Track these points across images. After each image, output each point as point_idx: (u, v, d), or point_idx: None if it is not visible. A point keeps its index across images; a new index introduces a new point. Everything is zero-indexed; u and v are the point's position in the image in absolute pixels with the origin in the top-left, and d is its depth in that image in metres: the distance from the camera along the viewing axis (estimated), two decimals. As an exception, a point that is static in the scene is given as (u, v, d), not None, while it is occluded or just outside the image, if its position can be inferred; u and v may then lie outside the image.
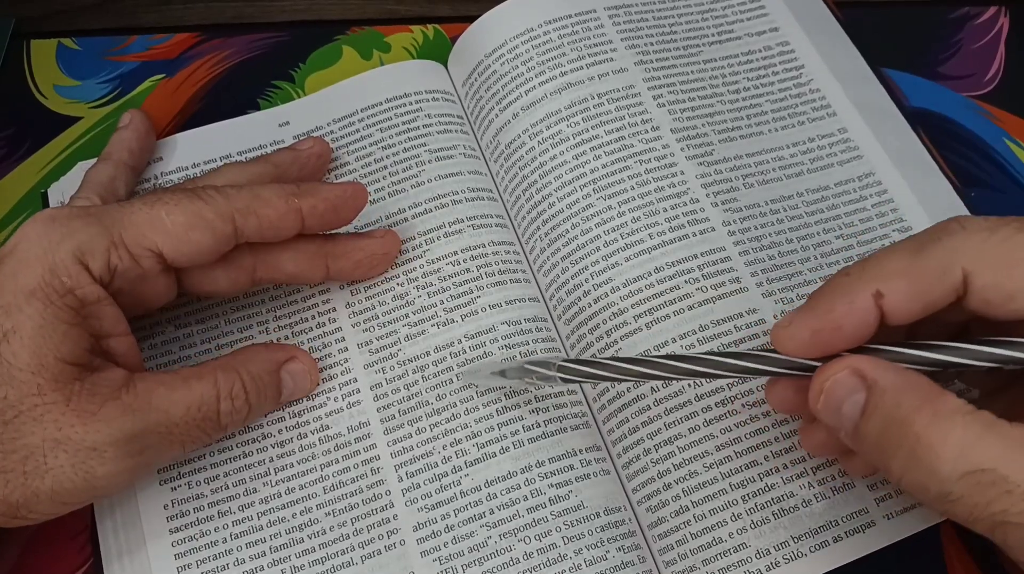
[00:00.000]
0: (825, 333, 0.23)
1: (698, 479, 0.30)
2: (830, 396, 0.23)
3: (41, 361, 0.25)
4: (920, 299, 0.23)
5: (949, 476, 0.20)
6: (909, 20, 0.42)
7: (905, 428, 0.21)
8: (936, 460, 0.20)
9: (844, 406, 0.23)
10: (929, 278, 0.22)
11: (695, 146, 0.36)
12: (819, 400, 0.23)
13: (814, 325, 0.23)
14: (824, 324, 0.23)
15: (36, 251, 0.26)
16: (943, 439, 0.20)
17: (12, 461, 0.25)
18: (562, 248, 0.34)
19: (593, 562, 0.29)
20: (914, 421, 0.21)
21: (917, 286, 0.22)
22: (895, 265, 0.23)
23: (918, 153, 0.37)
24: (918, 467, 0.21)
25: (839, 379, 0.23)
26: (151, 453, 0.27)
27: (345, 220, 0.32)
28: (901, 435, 0.21)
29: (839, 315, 0.23)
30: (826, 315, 0.23)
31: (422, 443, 0.31)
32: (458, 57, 0.39)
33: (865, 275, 0.23)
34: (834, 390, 0.23)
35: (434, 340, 0.33)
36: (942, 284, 0.22)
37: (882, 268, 0.23)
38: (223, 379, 0.29)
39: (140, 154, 0.36)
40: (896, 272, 0.23)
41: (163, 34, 0.42)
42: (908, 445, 0.21)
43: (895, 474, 0.22)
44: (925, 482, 0.21)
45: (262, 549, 0.30)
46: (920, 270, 0.23)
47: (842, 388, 0.23)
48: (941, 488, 0.21)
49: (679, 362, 0.26)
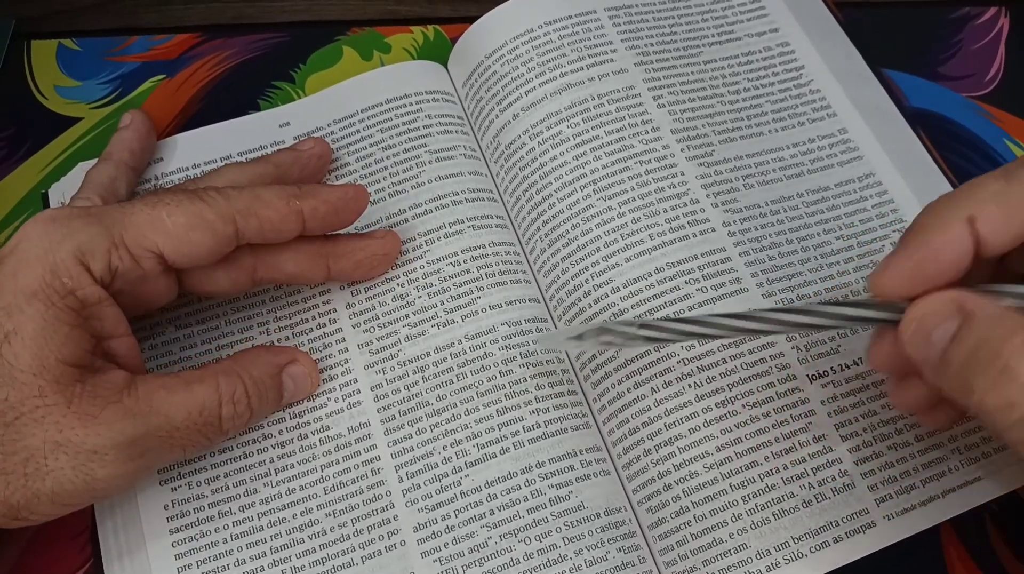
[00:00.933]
0: (926, 264, 0.23)
1: (698, 480, 0.30)
2: (922, 323, 0.23)
3: (43, 363, 0.25)
4: (1013, 222, 0.23)
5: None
6: (909, 20, 0.42)
7: (999, 347, 0.21)
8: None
9: (935, 333, 0.23)
10: (1020, 200, 0.23)
11: (695, 147, 0.36)
12: (909, 326, 0.23)
13: (914, 257, 0.23)
14: (923, 255, 0.23)
15: (37, 252, 0.26)
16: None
17: (13, 462, 0.25)
18: (562, 249, 0.34)
19: (593, 562, 0.29)
20: (1009, 341, 0.21)
21: (1009, 209, 0.23)
22: (985, 191, 0.23)
23: (918, 153, 0.37)
24: (1008, 383, 0.21)
25: (934, 307, 0.23)
26: (152, 456, 0.27)
27: (346, 222, 0.32)
28: (993, 354, 0.21)
29: (937, 246, 0.23)
30: (924, 247, 0.23)
31: (422, 444, 0.31)
32: (458, 58, 0.39)
33: (956, 202, 0.23)
34: (928, 318, 0.23)
35: (434, 341, 0.33)
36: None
37: (972, 195, 0.23)
38: (225, 383, 0.29)
39: (141, 154, 0.36)
40: (987, 198, 0.23)
41: (164, 35, 0.42)
42: (1001, 362, 0.21)
43: (979, 395, 0.21)
44: (1014, 398, 0.21)
45: (262, 549, 0.30)
46: (1011, 193, 0.23)
47: (936, 316, 0.23)
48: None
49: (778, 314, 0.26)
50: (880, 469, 0.30)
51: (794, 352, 0.31)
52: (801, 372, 0.31)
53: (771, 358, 0.31)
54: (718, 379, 0.31)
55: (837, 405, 0.31)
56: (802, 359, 0.31)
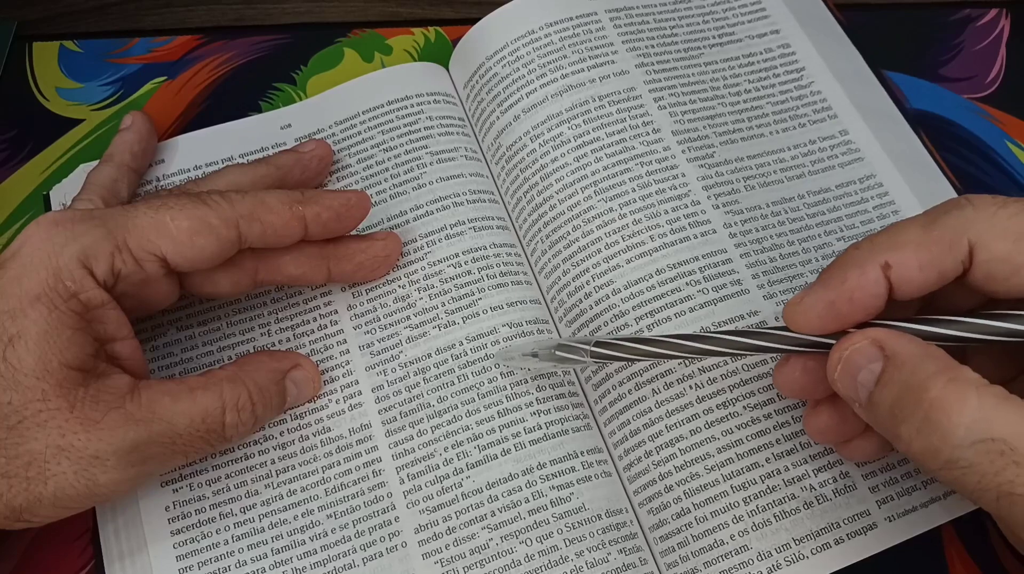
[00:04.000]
0: (838, 305, 0.24)
1: (699, 481, 0.30)
2: (847, 365, 0.23)
3: (46, 366, 0.25)
4: (928, 270, 0.23)
5: (961, 442, 0.20)
6: (910, 22, 0.42)
7: (920, 394, 0.21)
8: (950, 425, 0.21)
9: (861, 375, 0.23)
10: (937, 249, 0.23)
11: (696, 148, 0.36)
12: (836, 369, 0.24)
13: (827, 297, 0.24)
14: (837, 296, 0.24)
15: (40, 255, 0.26)
16: (959, 405, 0.21)
17: (15, 466, 0.25)
18: (563, 250, 0.34)
19: (594, 564, 0.29)
20: (930, 387, 0.21)
21: (925, 257, 0.23)
22: (904, 237, 0.23)
23: (919, 155, 0.37)
24: (931, 432, 0.21)
25: (858, 348, 0.23)
26: (154, 462, 0.27)
27: (348, 228, 0.32)
28: (916, 401, 0.21)
29: (850, 286, 0.23)
30: (839, 286, 0.24)
31: (423, 445, 0.31)
32: (459, 59, 0.40)
33: (875, 247, 0.24)
34: (852, 359, 0.23)
35: (435, 342, 0.33)
36: (950, 255, 0.23)
37: (892, 240, 0.24)
38: (229, 391, 0.28)
39: (142, 156, 0.36)
40: (905, 243, 0.23)
41: (165, 36, 0.42)
42: (923, 410, 0.21)
43: (905, 440, 0.22)
44: (937, 447, 0.21)
45: (264, 551, 0.30)
46: (929, 241, 0.23)
47: (861, 357, 0.23)
48: (952, 454, 0.21)
49: (698, 343, 0.26)
50: (881, 470, 0.30)
51: (795, 353, 0.31)
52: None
53: (772, 359, 0.31)
54: (719, 380, 0.31)
55: (838, 406, 0.31)
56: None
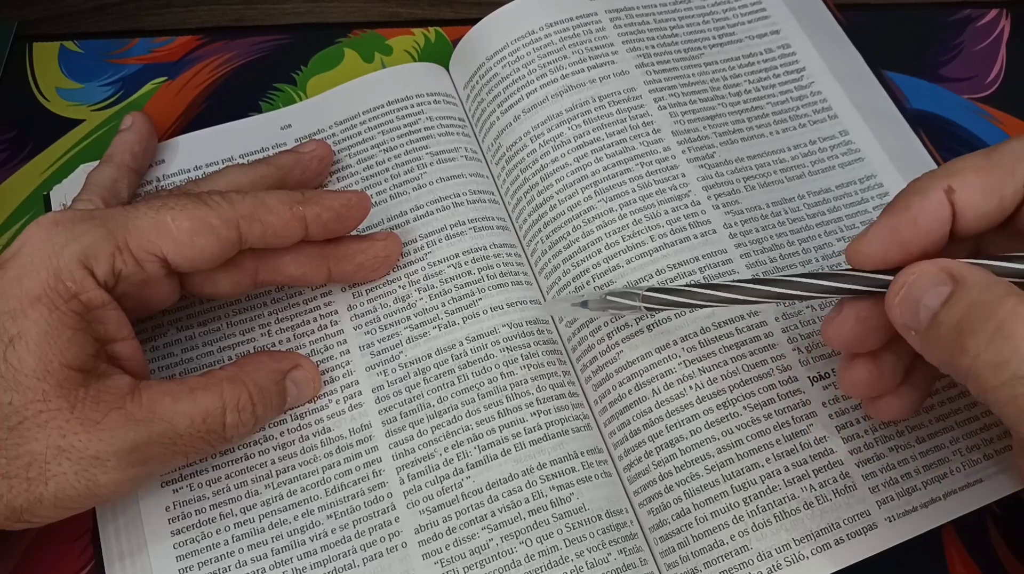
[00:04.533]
0: (902, 230, 0.24)
1: (699, 481, 0.30)
2: (912, 289, 0.23)
3: (47, 367, 0.25)
4: (989, 195, 0.24)
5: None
6: (910, 22, 0.42)
7: (992, 308, 0.22)
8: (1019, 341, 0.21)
9: (927, 296, 0.23)
10: (999, 174, 0.24)
11: (696, 148, 0.36)
12: (899, 294, 0.24)
13: (891, 224, 0.24)
14: (900, 221, 0.24)
15: (40, 256, 0.26)
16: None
17: (16, 466, 0.25)
18: (563, 250, 0.34)
19: (595, 564, 0.29)
20: (1000, 307, 0.21)
21: (987, 181, 0.24)
22: (966, 163, 0.24)
23: (919, 155, 0.37)
24: (1003, 342, 0.21)
25: (927, 273, 0.23)
26: (154, 463, 0.27)
27: (348, 228, 0.32)
28: (987, 314, 0.22)
29: (914, 211, 0.24)
30: (902, 212, 0.24)
31: (423, 445, 0.31)
32: (460, 60, 0.40)
33: (937, 173, 0.24)
34: (919, 283, 0.23)
35: (435, 342, 0.33)
36: (1011, 180, 0.23)
37: (953, 167, 0.24)
38: (229, 391, 0.28)
39: (142, 156, 0.36)
40: (966, 168, 0.24)
41: (165, 37, 0.42)
42: (995, 321, 0.21)
43: (970, 354, 0.22)
44: (1006, 359, 0.21)
45: (264, 551, 0.30)
46: (990, 166, 0.24)
47: (927, 280, 0.23)
48: (1019, 369, 0.21)
49: (759, 286, 0.26)
50: (881, 471, 0.30)
51: (795, 354, 0.31)
52: (802, 373, 0.31)
53: (772, 359, 0.31)
54: (719, 381, 0.31)
55: (838, 406, 0.31)
56: (803, 361, 0.31)
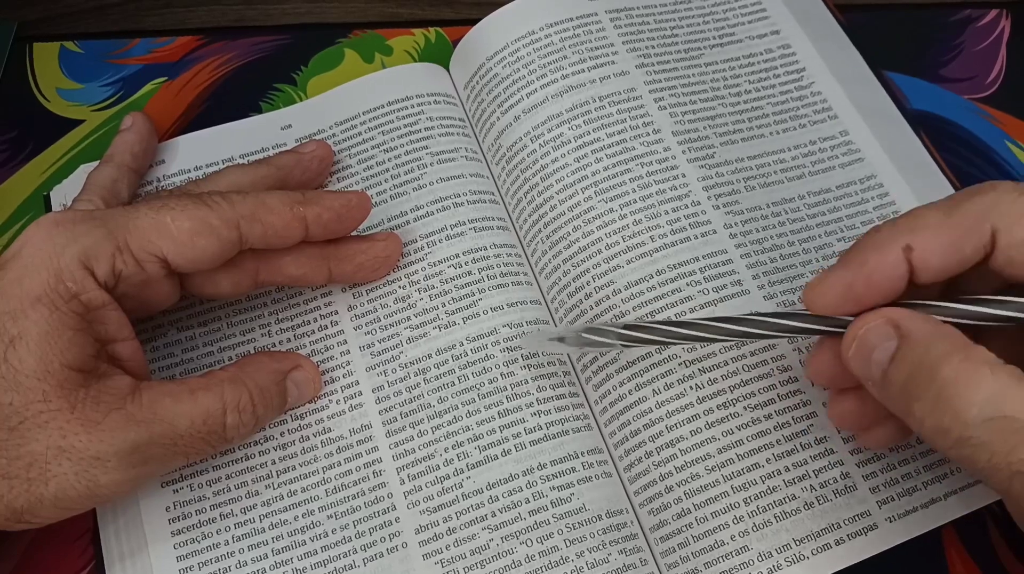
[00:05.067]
0: (857, 286, 0.24)
1: (700, 481, 0.30)
2: (862, 344, 0.23)
3: (47, 367, 0.25)
4: (949, 254, 0.23)
5: (974, 420, 0.20)
6: (910, 23, 0.42)
7: (933, 372, 0.21)
8: (962, 403, 0.21)
9: (875, 353, 0.23)
10: (958, 233, 0.23)
11: (696, 149, 0.36)
12: (851, 348, 0.24)
13: (846, 279, 0.24)
14: (855, 277, 0.24)
15: (41, 256, 0.26)
16: (972, 383, 0.21)
17: (16, 467, 0.25)
18: (564, 251, 0.34)
19: (595, 565, 0.29)
20: (943, 366, 0.21)
21: (946, 240, 0.23)
22: (926, 220, 0.23)
23: (919, 156, 0.37)
24: (944, 409, 0.21)
25: (872, 327, 0.23)
26: (155, 463, 0.27)
27: (349, 228, 0.32)
28: (929, 379, 0.21)
29: (871, 268, 0.24)
30: (858, 268, 0.24)
31: (424, 445, 0.31)
32: (460, 60, 0.40)
33: (896, 230, 0.24)
34: (867, 338, 0.23)
35: (436, 343, 0.33)
36: (971, 240, 0.23)
37: (913, 223, 0.24)
38: (230, 392, 0.28)
39: (142, 156, 0.36)
40: (926, 226, 0.23)
41: (165, 37, 0.42)
42: (935, 388, 0.21)
43: (917, 418, 0.22)
44: (948, 425, 0.21)
45: (264, 551, 0.30)
46: (950, 225, 0.23)
47: (875, 335, 0.23)
48: (963, 432, 0.21)
49: (728, 325, 0.26)
50: (882, 471, 0.30)
51: (796, 354, 0.31)
52: (803, 374, 0.31)
53: (772, 360, 0.31)
54: (720, 381, 0.31)
55: (838, 407, 0.31)
56: (803, 361, 0.31)
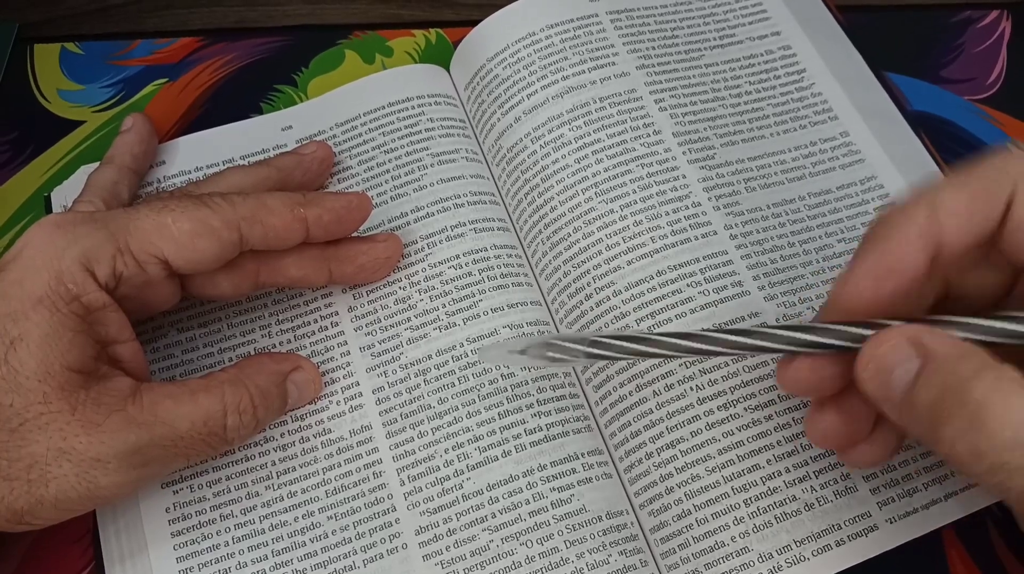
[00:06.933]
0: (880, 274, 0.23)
1: (700, 482, 0.30)
2: (880, 363, 0.22)
3: (48, 369, 0.25)
4: (972, 216, 0.23)
5: (1009, 444, 0.20)
6: (911, 24, 0.42)
7: (964, 394, 0.21)
8: (996, 426, 0.20)
9: (896, 372, 0.22)
10: (978, 191, 0.23)
11: (697, 150, 0.36)
12: (867, 368, 0.23)
13: (880, 247, 0.23)
14: (879, 263, 0.23)
15: (42, 258, 0.26)
16: (1005, 405, 0.20)
17: (17, 469, 0.25)
18: (564, 252, 0.34)
19: (595, 566, 0.29)
20: (974, 387, 0.20)
21: (968, 202, 0.23)
22: (944, 184, 0.23)
23: (920, 157, 0.37)
24: (976, 433, 0.20)
25: (894, 346, 0.22)
26: (155, 465, 0.27)
27: (349, 230, 0.32)
28: (959, 401, 0.21)
29: (901, 233, 0.23)
30: (889, 237, 0.23)
31: (424, 446, 0.31)
32: (460, 61, 0.40)
33: (919, 195, 0.23)
34: (886, 357, 0.22)
35: (436, 344, 0.33)
36: (992, 198, 0.23)
37: (935, 186, 0.23)
38: (231, 394, 0.28)
39: (143, 158, 0.36)
40: (947, 185, 0.23)
41: (166, 38, 0.42)
42: (968, 411, 0.20)
43: (946, 442, 0.21)
44: (983, 449, 0.20)
45: (264, 553, 0.30)
46: (971, 185, 0.23)
47: (896, 354, 0.22)
48: (998, 457, 0.20)
49: (697, 343, 0.25)
50: (882, 472, 0.30)
51: (796, 355, 0.31)
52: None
53: (773, 360, 0.31)
54: (720, 382, 0.31)
55: (839, 408, 0.31)
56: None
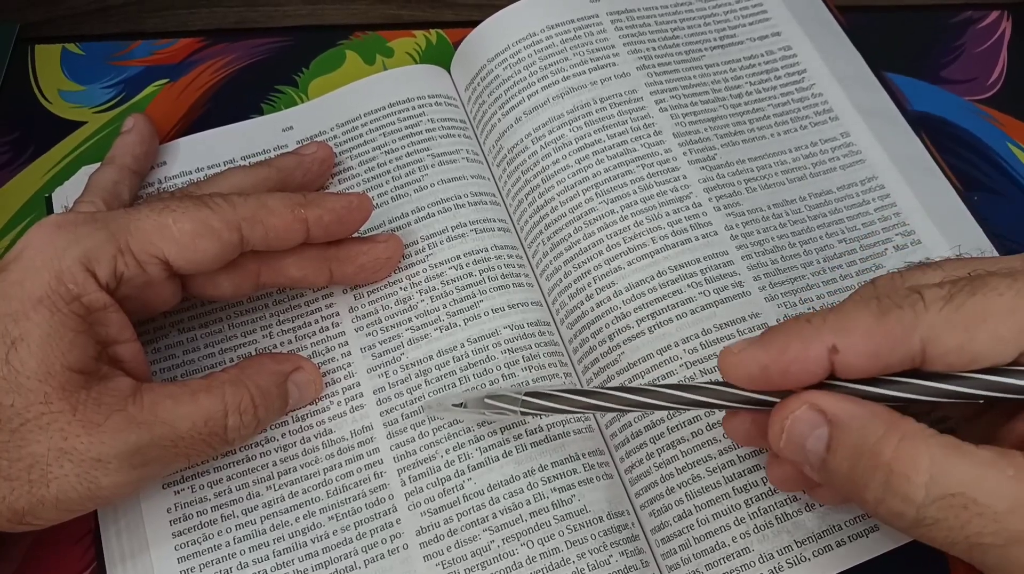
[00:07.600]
0: (772, 372, 0.23)
1: (701, 483, 0.30)
2: (792, 434, 0.23)
3: (48, 369, 0.25)
4: (874, 361, 0.22)
5: (924, 501, 0.20)
6: (911, 24, 0.42)
7: (875, 458, 0.21)
8: (909, 487, 0.21)
9: (808, 442, 0.22)
10: (887, 342, 0.22)
11: (697, 150, 0.36)
12: (781, 438, 0.23)
13: (764, 361, 0.23)
14: (774, 363, 0.23)
15: (43, 258, 0.26)
16: (914, 465, 0.21)
17: (18, 469, 0.25)
18: (565, 252, 0.34)
19: (596, 566, 0.29)
20: (883, 450, 0.21)
21: (874, 348, 0.22)
22: (857, 323, 0.22)
23: (921, 157, 0.37)
24: (893, 496, 0.21)
25: (799, 416, 0.23)
26: (156, 465, 0.27)
27: (350, 230, 0.32)
28: (872, 466, 0.21)
29: (790, 359, 0.23)
30: (778, 354, 0.23)
31: (425, 447, 0.31)
32: (461, 61, 0.40)
33: (826, 327, 0.23)
34: (795, 427, 0.23)
35: (437, 344, 0.33)
36: (899, 351, 0.22)
37: (844, 321, 0.22)
38: (231, 394, 0.28)
39: (144, 158, 0.36)
40: (856, 329, 0.22)
41: (167, 39, 0.42)
42: (881, 475, 0.21)
43: (870, 504, 0.22)
44: (901, 509, 0.21)
45: (265, 553, 0.30)
46: (880, 334, 0.22)
47: (803, 424, 0.22)
48: (917, 514, 0.21)
49: (634, 395, 0.26)
50: (883, 473, 0.30)
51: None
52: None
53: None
54: (720, 383, 0.31)
55: (840, 409, 0.31)
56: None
